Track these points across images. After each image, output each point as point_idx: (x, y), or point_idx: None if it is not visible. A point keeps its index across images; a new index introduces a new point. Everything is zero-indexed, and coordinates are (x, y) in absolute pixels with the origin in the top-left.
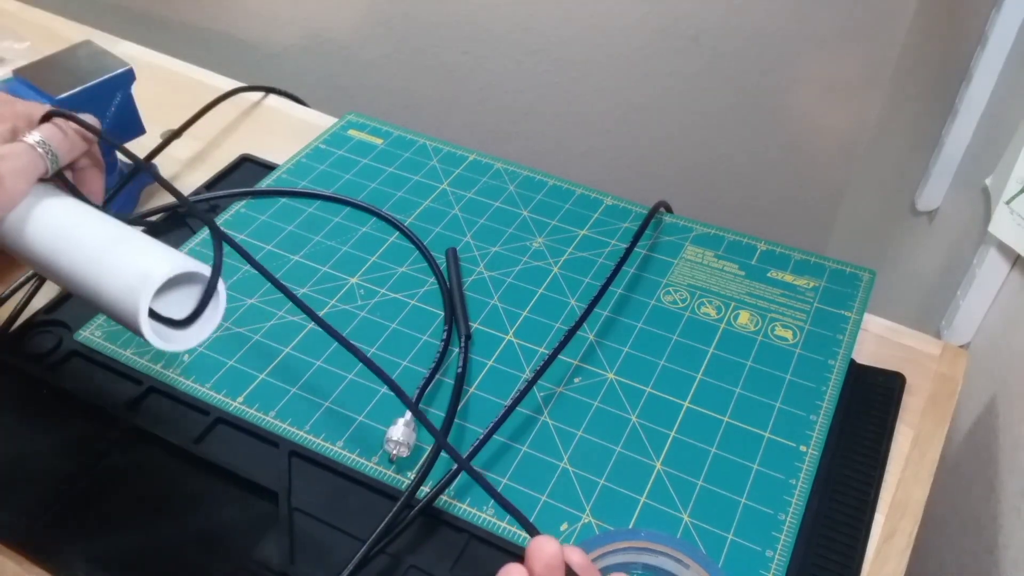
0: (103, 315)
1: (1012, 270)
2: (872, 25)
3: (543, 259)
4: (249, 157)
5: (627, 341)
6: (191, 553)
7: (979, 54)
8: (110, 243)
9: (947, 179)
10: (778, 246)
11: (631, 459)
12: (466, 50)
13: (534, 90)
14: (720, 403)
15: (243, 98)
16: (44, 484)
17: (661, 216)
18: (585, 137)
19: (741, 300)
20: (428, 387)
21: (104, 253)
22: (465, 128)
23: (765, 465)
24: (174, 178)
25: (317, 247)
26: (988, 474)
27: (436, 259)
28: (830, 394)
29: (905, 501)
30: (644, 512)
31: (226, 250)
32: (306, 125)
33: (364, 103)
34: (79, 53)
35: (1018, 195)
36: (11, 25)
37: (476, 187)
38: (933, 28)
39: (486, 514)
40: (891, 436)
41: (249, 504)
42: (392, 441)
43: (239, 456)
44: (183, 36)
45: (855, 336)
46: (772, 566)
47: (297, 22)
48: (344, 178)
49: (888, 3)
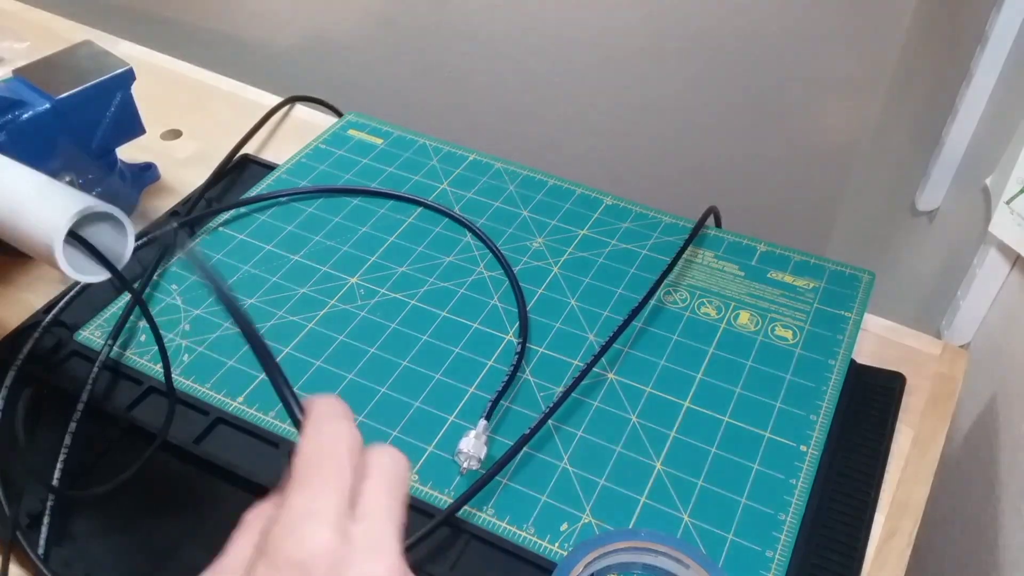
0: (103, 315)
1: (1012, 270)
2: (872, 25)
3: (543, 259)
4: (249, 157)
5: (627, 341)
6: (191, 553)
7: (979, 54)
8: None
9: (947, 179)
10: (778, 247)
11: (631, 459)
12: (466, 50)
13: (534, 90)
14: (720, 403)
15: (243, 98)
16: (43, 485)
17: (660, 217)
18: (585, 137)
19: (741, 300)
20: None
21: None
22: (465, 128)
23: (765, 465)
24: (174, 178)
25: (317, 247)
26: (988, 474)
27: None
28: (830, 394)
29: (905, 501)
30: (644, 512)
31: (226, 250)
32: (306, 125)
33: (364, 103)
34: (79, 53)
35: (1018, 195)
36: (11, 25)
37: (476, 187)
38: (933, 28)
39: (486, 514)
40: (891, 436)
41: (249, 504)
42: (463, 453)
43: (239, 456)
44: (183, 36)
45: (855, 336)
46: (772, 566)
47: (297, 22)
48: (344, 178)
49: (888, 3)
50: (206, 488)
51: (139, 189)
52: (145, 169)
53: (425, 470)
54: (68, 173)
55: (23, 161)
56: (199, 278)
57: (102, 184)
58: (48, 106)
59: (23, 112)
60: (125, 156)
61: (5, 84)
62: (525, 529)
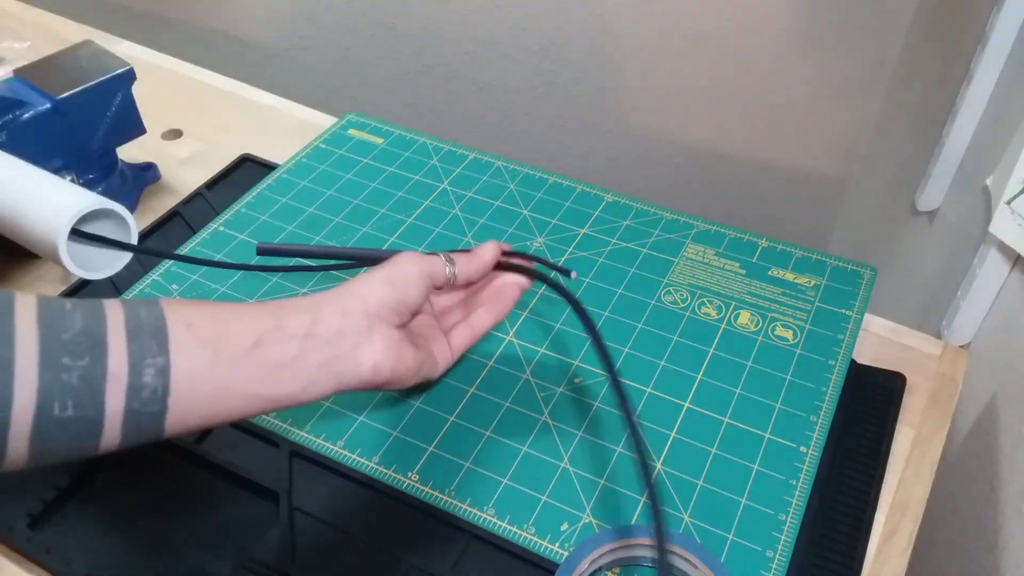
0: None
1: (1013, 270)
2: (872, 25)
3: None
4: (249, 157)
5: (627, 341)
6: (191, 553)
7: (980, 53)
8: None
9: (948, 179)
10: (779, 243)
11: (632, 459)
12: (466, 50)
13: (534, 90)
14: (720, 403)
15: (243, 98)
16: (44, 484)
17: (661, 214)
18: (585, 137)
19: (742, 300)
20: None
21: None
22: (465, 129)
23: (765, 465)
24: (174, 178)
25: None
26: (988, 474)
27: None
28: (830, 394)
29: (905, 501)
30: (644, 512)
31: (226, 249)
32: (306, 125)
33: (364, 103)
34: (80, 53)
35: (1019, 195)
36: (12, 25)
37: (476, 186)
38: (933, 28)
39: (486, 514)
40: (892, 436)
41: (249, 504)
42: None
43: (239, 456)
44: (183, 36)
45: (856, 336)
46: (773, 566)
47: (297, 22)
48: (345, 178)
49: (888, 3)
50: (206, 488)
51: (139, 189)
52: (145, 169)
53: (425, 470)
54: (69, 173)
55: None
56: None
57: (102, 184)
58: (49, 106)
59: (24, 112)
60: (125, 156)
61: (6, 84)
62: (525, 529)
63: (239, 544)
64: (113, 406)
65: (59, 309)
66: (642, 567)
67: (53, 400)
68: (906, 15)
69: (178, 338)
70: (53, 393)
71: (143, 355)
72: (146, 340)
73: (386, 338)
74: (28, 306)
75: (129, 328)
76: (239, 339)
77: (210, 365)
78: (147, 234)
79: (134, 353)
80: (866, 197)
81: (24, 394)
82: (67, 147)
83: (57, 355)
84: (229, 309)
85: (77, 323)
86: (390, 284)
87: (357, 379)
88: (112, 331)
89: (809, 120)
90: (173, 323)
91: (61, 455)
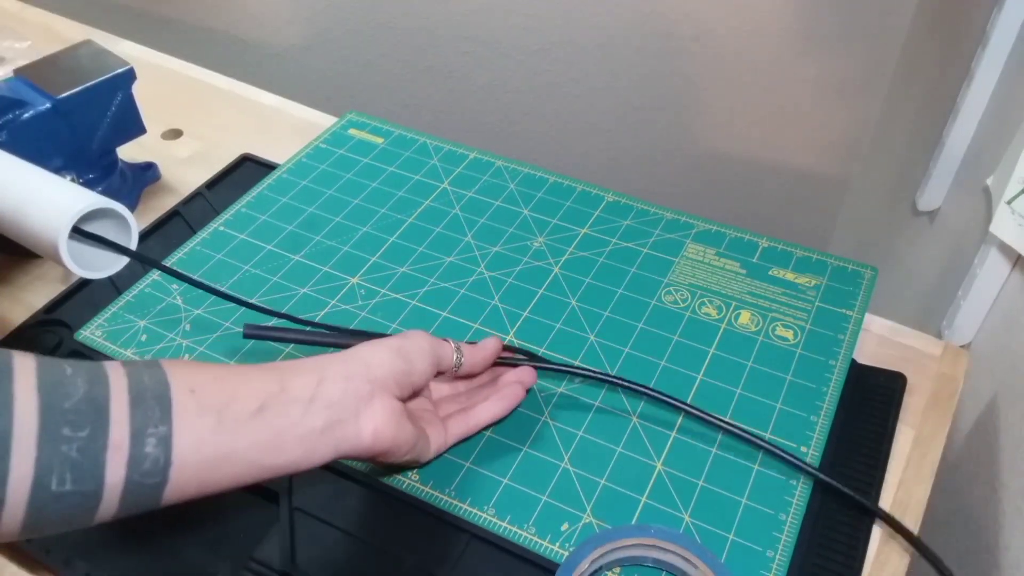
0: (104, 315)
1: (1013, 270)
2: (872, 25)
3: (544, 259)
4: (249, 157)
5: (628, 341)
6: (191, 553)
7: (980, 53)
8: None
9: (948, 179)
10: (780, 243)
11: (631, 459)
12: (466, 50)
13: (534, 90)
14: (721, 404)
15: (243, 98)
16: None
17: (662, 214)
18: (585, 137)
19: (742, 300)
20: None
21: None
22: (465, 129)
23: (766, 465)
24: (174, 178)
25: (317, 247)
26: (988, 474)
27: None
28: (831, 394)
29: (906, 501)
30: (645, 512)
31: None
32: (306, 124)
33: (364, 103)
34: (80, 53)
35: (1019, 195)
36: (12, 25)
37: (477, 186)
38: (933, 28)
39: (486, 514)
40: (892, 436)
41: (249, 504)
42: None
43: None
44: (183, 36)
45: (856, 336)
46: (773, 566)
47: (297, 22)
48: (345, 177)
49: (888, 3)
50: None
51: (139, 189)
52: (146, 169)
53: (425, 470)
54: (69, 172)
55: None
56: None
57: (103, 183)
58: (49, 105)
59: (24, 111)
60: (125, 156)
61: (6, 83)
62: (526, 529)
63: (239, 544)
64: (113, 477)
65: (59, 374)
66: (642, 567)
67: (51, 473)
68: (906, 15)
69: (181, 404)
70: (52, 466)
71: (146, 423)
72: (149, 407)
73: (387, 407)
74: (27, 370)
75: (132, 395)
76: (243, 403)
77: (213, 432)
78: (147, 234)
79: (137, 421)
80: (867, 197)
81: (21, 467)
82: (67, 147)
83: (57, 426)
84: (234, 372)
85: (79, 390)
86: (398, 354)
87: (356, 445)
88: (115, 398)
89: (809, 120)
90: (176, 388)
91: (55, 528)
